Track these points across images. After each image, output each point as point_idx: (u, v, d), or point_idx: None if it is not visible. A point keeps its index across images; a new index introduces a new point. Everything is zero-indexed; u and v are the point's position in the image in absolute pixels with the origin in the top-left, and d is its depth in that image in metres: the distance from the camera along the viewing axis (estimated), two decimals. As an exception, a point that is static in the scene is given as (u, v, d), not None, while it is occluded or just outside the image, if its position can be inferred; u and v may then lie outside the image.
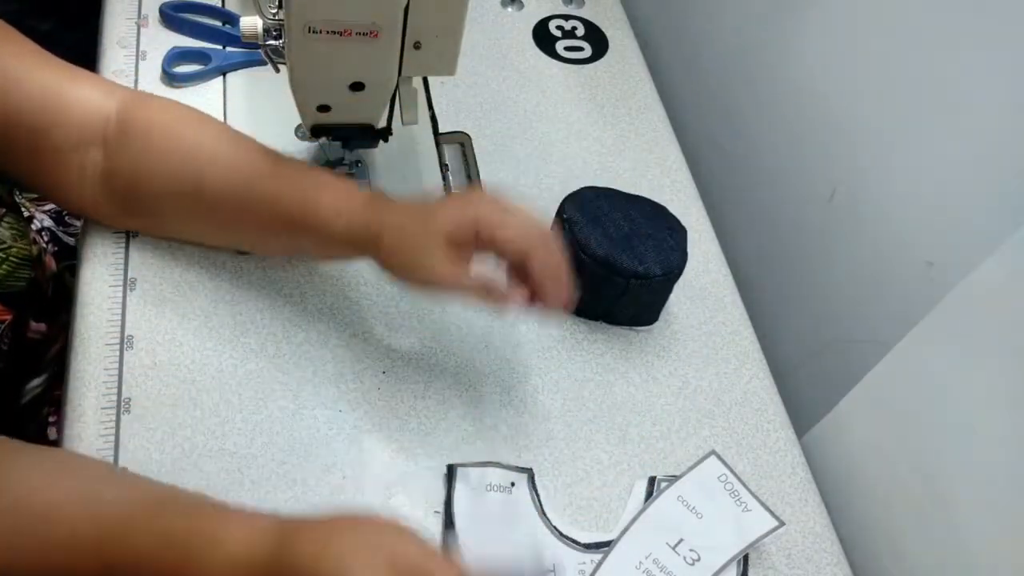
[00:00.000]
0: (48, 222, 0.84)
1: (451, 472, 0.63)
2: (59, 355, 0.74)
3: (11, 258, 0.69)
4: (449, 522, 0.61)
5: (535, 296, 0.59)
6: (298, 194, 0.62)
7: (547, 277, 0.58)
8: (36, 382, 0.75)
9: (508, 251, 0.58)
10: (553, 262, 0.58)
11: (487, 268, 0.59)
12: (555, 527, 0.62)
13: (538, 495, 0.63)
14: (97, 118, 0.65)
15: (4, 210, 0.70)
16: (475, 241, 0.58)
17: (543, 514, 0.62)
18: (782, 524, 0.63)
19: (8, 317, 0.69)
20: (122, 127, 0.65)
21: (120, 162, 0.65)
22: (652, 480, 0.65)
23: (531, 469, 0.64)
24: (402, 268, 0.61)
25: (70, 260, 0.79)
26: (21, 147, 0.64)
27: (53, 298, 0.76)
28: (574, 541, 0.62)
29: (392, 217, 0.60)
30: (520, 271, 0.59)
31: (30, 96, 0.63)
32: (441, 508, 0.62)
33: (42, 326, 0.74)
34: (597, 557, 0.61)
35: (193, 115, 0.67)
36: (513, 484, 0.63)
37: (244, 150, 0.65)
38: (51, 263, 0.79)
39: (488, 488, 0.63)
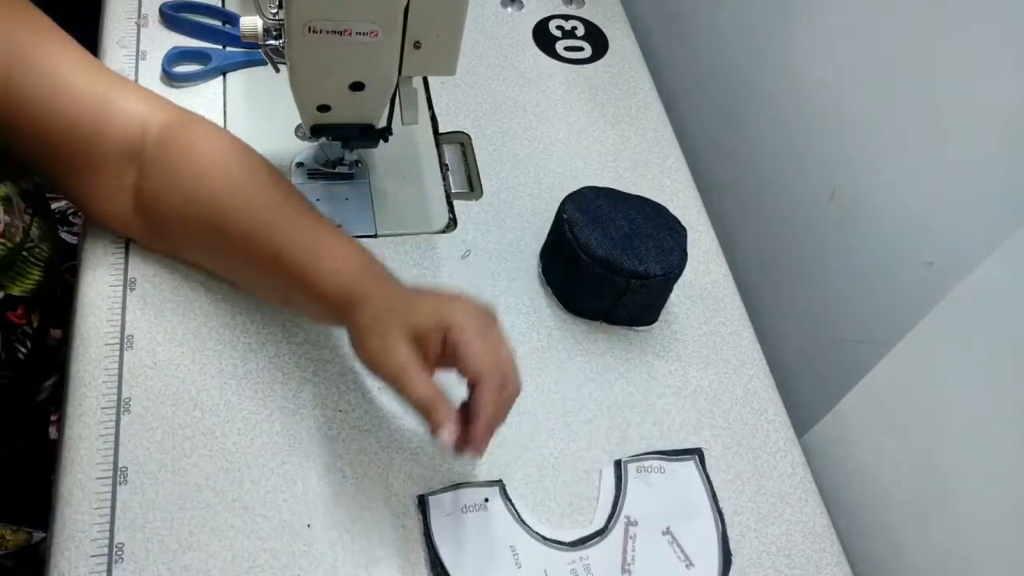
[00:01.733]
0: (52, 221, 0.84)
1: (423, 503, 0.61)
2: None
3: (32, 257, 0.69)
4: (434, 554, 0.59)
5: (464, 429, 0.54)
6: (303, 244, 0.61)
7: (481, 416, 0.54)
8: (50, 381, 0.75)
9: (464, 367, 0.54)
10: (496, 404, 0.54)
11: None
12: (537, 532, 0.62)
13: (513, 505, 0.63)
14: (138, 133, 0.64)
15: (32, 212, 0.69)
16: (441, 347, 0.55)
17: (522, 522, 0.62)
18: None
19: (21, 320, 0.69)
20: (159, 146, 0.64)
21: (149, 180, 0.64)
22: (618, 463, 0.66)
23: (501, 481, 0.64)
24: (362, 347, 0.57)
25: (71, 260, 0.79)
26: (61, 155, 0.64)
27: (61, 300, 0.76)
28: (558, 542, 0.62)
29: (375, 296, 0.57)
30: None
31: (76, 105, 0.62)
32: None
33: (58, 332, 0.74)
34: (586, 553, 0.61)
35: (231, 145, 0.66)
36: (487, 500, 0.62)
37: (266, 188, 0.64)
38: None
39: (464, 510, 0.62)
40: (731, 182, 0.92)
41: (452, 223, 0.78)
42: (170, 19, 0.84)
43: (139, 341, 0.65)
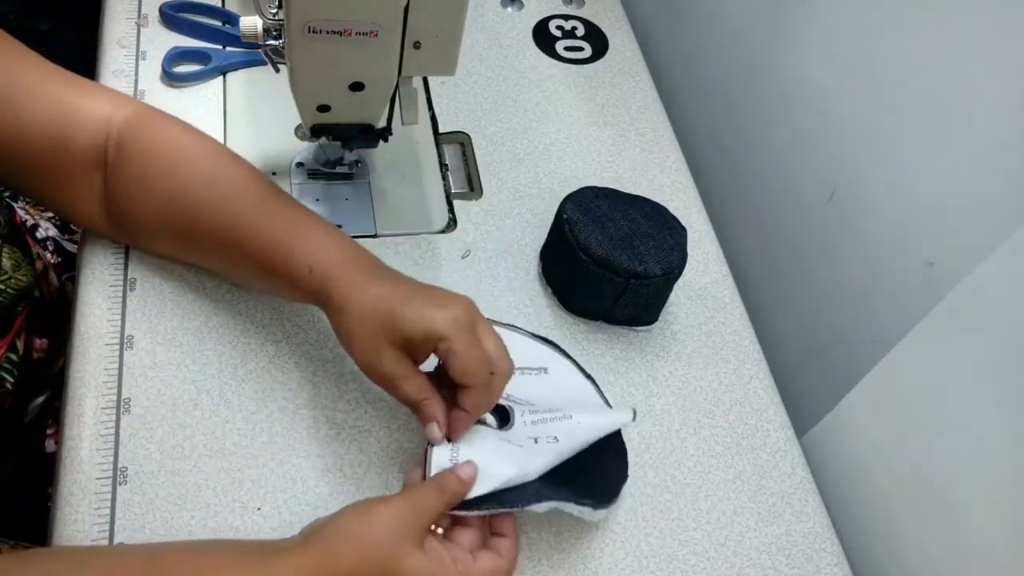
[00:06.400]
0: (52, 231, 0.84)
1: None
2: (62, 371, 0.74)
3: (9, 289, 0.68)
4: None
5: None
6: (277, 236, 0.60)
7: (464, 417, 0.57)
8: (39, 400, 0.74)
9: (454, 375, 0.56)
10: (482, 404, 0.57)
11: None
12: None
13: None
14: (101, 139, 0.62)
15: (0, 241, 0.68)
16: (431, 350, 0.56)
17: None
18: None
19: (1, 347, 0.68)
20: (120, 150, 0.62)
21: (116, 186, 0.63)
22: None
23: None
24: (349, 347, 0.58)
25: (72, 270, 0.79)
26: (33, 164, 0.62)
27: (55, 311, 0.75)
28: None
29: (356, 296, 0.57)
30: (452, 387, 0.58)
31: (43, 111, 0.60)
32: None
33: (44, 342, 0.73)
34: None
35: (192, 140, 0.64)
36: None
37: (238, 181, 0.63)
38: (53, 277, 0.78)
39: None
40: (731, 182, 0.92)
41: (452, 223, 0.78)
42: (170, 19, 0.84)
43: (139, 341, 0.65)
